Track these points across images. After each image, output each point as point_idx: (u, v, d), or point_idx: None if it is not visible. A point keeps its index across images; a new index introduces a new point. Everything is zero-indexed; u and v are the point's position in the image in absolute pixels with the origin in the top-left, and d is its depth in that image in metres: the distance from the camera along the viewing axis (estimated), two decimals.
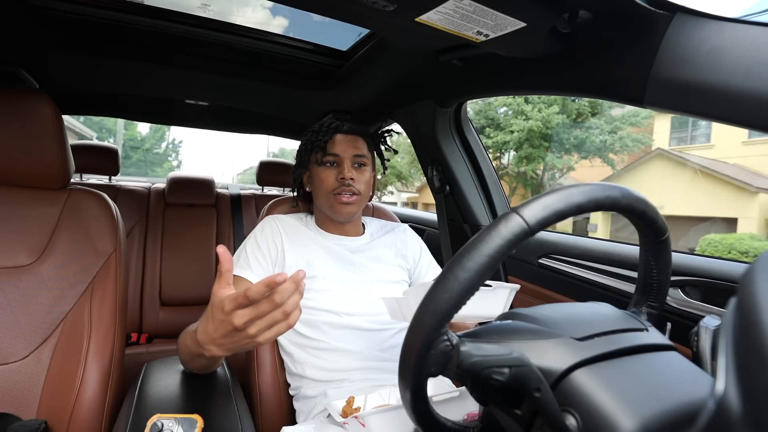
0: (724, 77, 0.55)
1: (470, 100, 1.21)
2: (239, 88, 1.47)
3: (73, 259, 0.87)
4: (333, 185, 0.95)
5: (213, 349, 0.60)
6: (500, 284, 0.70)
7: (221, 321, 0.56)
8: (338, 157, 0.96)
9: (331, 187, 0.95)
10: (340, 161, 0.96)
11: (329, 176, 0.96)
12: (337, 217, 0.98)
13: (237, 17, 1.13)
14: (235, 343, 0.58)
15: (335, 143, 0.97)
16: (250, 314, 0.53)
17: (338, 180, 0.95)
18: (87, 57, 1.20)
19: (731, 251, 6.96)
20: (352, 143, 0.98)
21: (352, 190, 0.95)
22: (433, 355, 0.40)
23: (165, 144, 20.97)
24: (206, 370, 0.84)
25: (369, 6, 0.68)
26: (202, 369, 0.82)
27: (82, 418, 0.80)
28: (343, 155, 0.96)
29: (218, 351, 0.60)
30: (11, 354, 0.81)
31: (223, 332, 0.57)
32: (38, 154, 0.85)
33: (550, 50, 0.78)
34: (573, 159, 11.07)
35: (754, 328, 0.24)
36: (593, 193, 0.42)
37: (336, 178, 0.95)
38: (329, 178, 0.96)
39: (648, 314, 0.53)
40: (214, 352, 0.60)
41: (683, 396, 0.38)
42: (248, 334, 0.55)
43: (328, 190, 0.96)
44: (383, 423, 0.64)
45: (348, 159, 0.96)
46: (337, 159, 0.97)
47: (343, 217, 0.97)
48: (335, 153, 0.96)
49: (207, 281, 1.99)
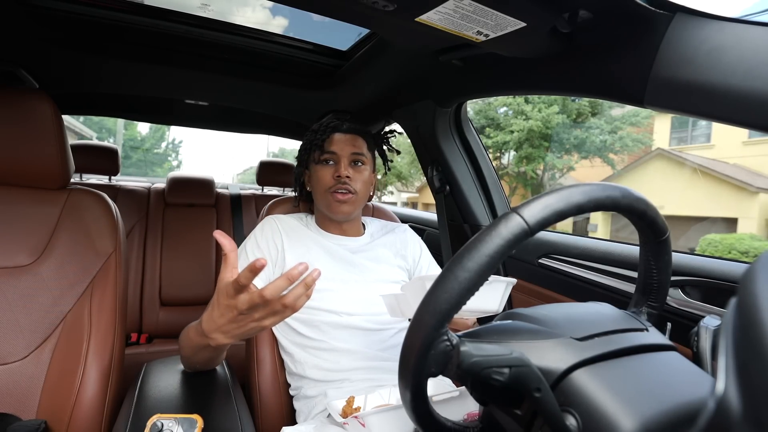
0: (724, 77, 0.55)
1: (470, 100, 1.21)
2: (239, 88, 1.47)
3: (73, 259, 0.88)
4: (329, 183, 0.96)
5: (218, 336, 0.61)
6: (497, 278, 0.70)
7: (227, 306, 0.57)
8: (335, 155, 0.97)
9: (327, 185, 0.96)
10: (338, 159, 0.97)
11: (326, 174, 0.96)
12: (334, 216, 0.98)
13: (237, 17, 1.13)
14: (240, 328, 0.58)
15: (333, 141, 0.98)
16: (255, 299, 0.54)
17: (334, 178, 0.95)
18: (87, 57, 1.20)
19: (731, 251, 6.96)
20: (350, 142, 0.98)
21: (348, 188, 0.95)
22: (433, 355, 0.40)
23: (165, 144, 20.98)
24: (209, 364, 0.84)
25: (369, 6, 0.68)
26: (204, 364, 0.82)
27: (82, 418, 0.80)
28: (341, 153, 0.97)
29: (224, 338, 0.61)
30: (11, 354, 0.81)
31: (228, 318, 0.58)
32: (38, 154, 0.85)
33: (551, 50, 0.78)
34: (573, 159, 11.07)
35: (754, 328, 0.24)
36: (593, 193, 0.42)
37: (332, 176, 0.95)
38: (326, 176, 0.96)
39: (648, 314, 0.53)
40: (220, 341, 0.61)
41: (683, 396, 0.38)
42: (253, 318, 0.56)
43: (325, 187, 0.96)
44: (383, 423, 0.64)
45: (345, 157, 0.97)
46: (334, 157, 0.97)
47: (340, 216, 0.97)
48: (332, 151, 0.97)
49: (207, 281, 1.99)
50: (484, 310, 0.68)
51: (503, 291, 0.70)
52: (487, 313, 0.69)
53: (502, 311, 0.63)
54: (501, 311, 0.65)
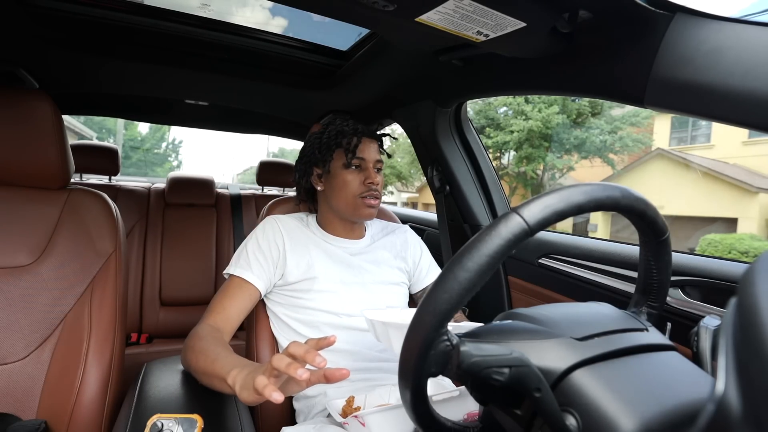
0: (723, 77, 0.55)
1: (470, 100, 1.21)
2: (239, 88, 1.47)
3: (73, 259, 0.87)
4: (359, 189, 0.95)
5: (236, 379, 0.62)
6: (463, 325, 0.67)
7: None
8: (364, 161, 0.97)
9: (358, 191, 0.95)
10: (366, 165, 0.97)
11: (355, 180, 0.95)
12: (358, 219, 0.99)
13: (237, 17, 1.13)
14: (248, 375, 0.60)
15: (363, 147, 0.97)
16: None
17: (365, 184, 0.95)
18: (87, 57, 1.20)
19: (731, 251, 6.96)
20: (375, 148, 0.99)
21: (377, 194, 0.96)
22: (433, 355, 0.40)
23: (165, 144, 20.96)
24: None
25: (369, 6, 0.68)
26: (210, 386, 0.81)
27: (82, 418, 0.80)
28: (369, 159, 0.97)
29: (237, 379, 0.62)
30: (11, 354, 0.81)
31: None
32: (38, 154, 0.85)
33: (551, 50, 0.78)
34: (573, 159, 11.07)
35: (754, 328, 0.24)
36: (593, 193, 0.42)
37: (362, 182, 0.95)
38: (355, 182, 0.95)
39: (648, 314, 0.53)
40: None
41: (683, 396, 0.38)
42: None
43: (355, 193, 0.95)
44: (383, 423, 0.64)
45: (372, 163, 0.97)
46: (363, 163, 0.97)
47: (365, 219, 0.98)
48: (362, 157, 0.96)
49: (207, 281, 1.99)
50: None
51: None
52: None
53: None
54: None
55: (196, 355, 0.76)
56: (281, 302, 0.94)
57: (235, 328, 0.88)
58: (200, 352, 0.75)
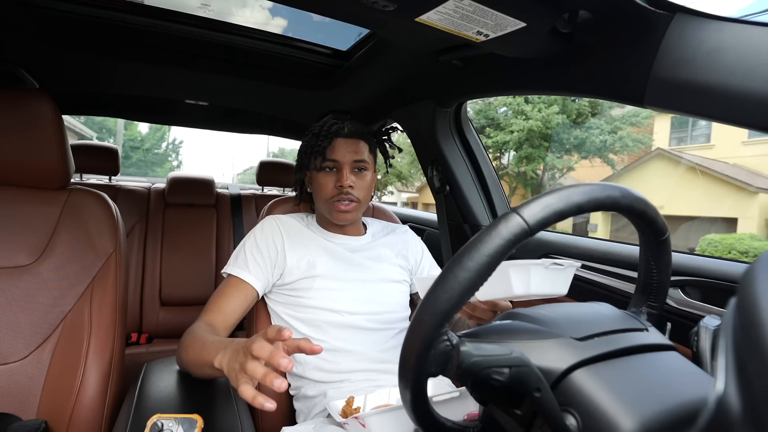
0: (723, 77, 0.55)
1: (470, 100, 1.21)
2: (239, 88, 1.47)
3: (73, 259, 0.87)
4: (331, 192, 0.93)
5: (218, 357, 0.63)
6: (570, 262, 0.67)
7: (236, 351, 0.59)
8: (337, 163, 0.94)
9: (329, 194, 0.93)
10: (340, 167, 0.94)
11: (328, 182, 0.94)
12: (336, 222, 0.98)
13: (237, 17, 1.13)
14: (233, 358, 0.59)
15: (335, 148, 0.94)
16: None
17: (337, 187, 0.93)
18: (87, 57, 1.21)
19: (731, 251, 6.95)
20: (352, 147, 0.95)
21: (351, 197, 0.93)
22: (433, 355, 0.40)
23: (165, 144, 20.97)
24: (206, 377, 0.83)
25: (369, 6, 0.68)
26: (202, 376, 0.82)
27: (82, 418, 0.80)
28: (343, 161, 0.93)
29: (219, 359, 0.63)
30: (11, 354, 0.81)
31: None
32: (38, 154, 0.85)
33: (550, 50, 0.78)
34: (573, 159, 11.06)
35: (754, 328, 0.24)
36: (593, 193, 0.42)
37: (335, 185, 0.93)
38: (328, 185, 0.94)
39: (648, 314, 0.53)
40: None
41: (683, 396, 0.38)
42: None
43: (327, 196, 0.94)
44: (383, 423, 0.64)
45: (348, 164, 0.93)
46: (336, 165, 0.94)
47: (341, 222, 0.97)
48: (334, 159, 0.94)
49: (207, 281, 1.99)
50: (556, 293, 0.66)
51: (572, 275, 0.68)
52: (559, 296, 0.68)
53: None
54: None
55: (186, 349, 0.77)
56: (282, 301, 0.94)
57: (231, 327, 0.88)
58: (189, 345, 0.76)
